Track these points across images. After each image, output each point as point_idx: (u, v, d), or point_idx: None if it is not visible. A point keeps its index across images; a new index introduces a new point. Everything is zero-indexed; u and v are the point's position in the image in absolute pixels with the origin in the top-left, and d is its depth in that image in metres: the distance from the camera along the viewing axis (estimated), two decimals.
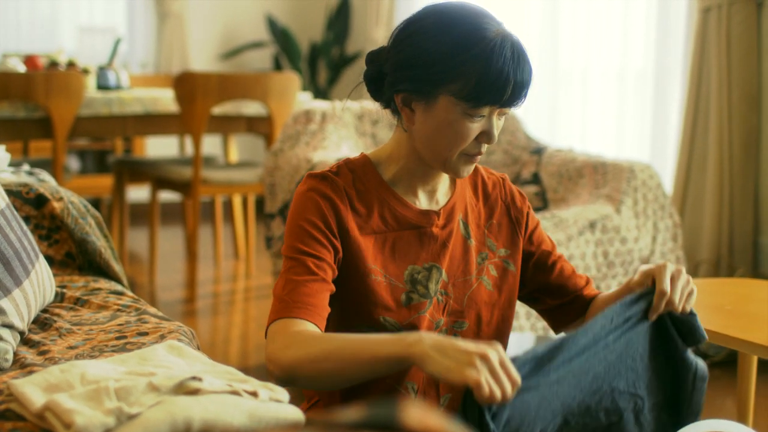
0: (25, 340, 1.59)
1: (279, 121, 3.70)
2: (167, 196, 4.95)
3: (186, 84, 3.53)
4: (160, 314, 1.72)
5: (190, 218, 4.09)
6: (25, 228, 1.77)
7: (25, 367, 1.43)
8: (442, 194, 1.47)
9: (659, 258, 2.81)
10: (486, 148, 1.38)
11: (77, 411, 1.09)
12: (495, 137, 1.35)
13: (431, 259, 1.42)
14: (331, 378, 1.24)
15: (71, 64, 3.77)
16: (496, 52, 1.28)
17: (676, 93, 3.67)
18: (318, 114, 3.09)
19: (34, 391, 1.19)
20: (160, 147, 5.31)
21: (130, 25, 5.61)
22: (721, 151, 3.32)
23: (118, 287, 1.95)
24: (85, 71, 3.70)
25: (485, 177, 1.52)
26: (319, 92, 5.68)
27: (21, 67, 3.55)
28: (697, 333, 1.38)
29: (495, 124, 1.35)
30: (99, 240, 2.05)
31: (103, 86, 3.74)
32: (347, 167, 1.42)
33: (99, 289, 1.90)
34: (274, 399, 1.19)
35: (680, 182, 3.47)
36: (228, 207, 4.75)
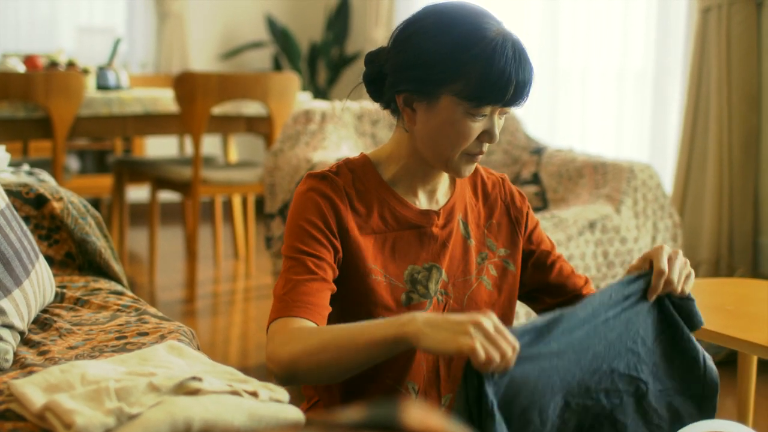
0: (25, 341, 1.59)
1: (279, 121, 3.70)
2: (167, 196, 4.95)
3: (186, 84, 3.53)
4: (160, 314, 1.72)
5: (189, 218, 4.09)
6: (25, 228, 1.77)
7: (25, 367, 1.43)
8: (442, 194, 1.47)
9: None
10: (487, 148, 1.39)
11: (77, 411, 1.09)
12: (497, 136, 1.35)
13: (431, 259, 1.42)
14: (330, 369, 1.23)
15: (71, 64, 3.77)
16: (498, 51, 1.29)
17: (675, 93, 3.66)
18: (318, 114, 3.09)
19: (34, 391, 1.19)
20: (159, 147, 5.31)
21: (129, 25, 5.61)
22: (720, 151, 3.32)
23: (118, 287, 1.95)
24: (85, 71, 3.70)
25: (485, 177, 1.53)
26: (319, 92, 5.68)
27: (21, 67, 3.55)
28: (695, 318, 1.38)
29: (496, 124, 1.35)
30: (99, 240, 2.05)
31: (102, 86, 3.74)
32: (347, 167, 1.42)
33: (99, 289, 1.90)
34: (275, 399, 1.19)
35: (680, 182, 3.47)
36: (228, 207, 4.75)
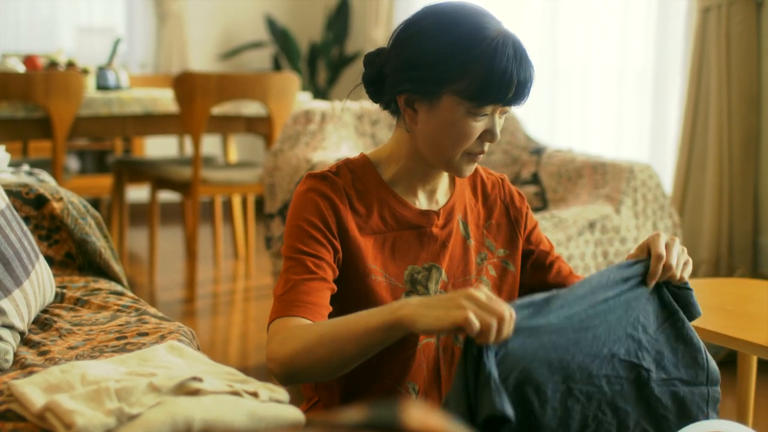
0: (25, 341, 1.59)
1: (278, 121, 3.70)
2: (167, 196, 4.95)
3: (185, 84, 3.53)
4: (160, 314, 1.72)
5: (189, 218, 4.09)
6: (25, 228, 1.77)
7: (25, 367, 1.43)
8: (442, 194, 1.47)
9: None
10: (488, 147, 1.39)
11: (78, 411, 1.09)
12: (498, 136, 1.36)
13: (431, 259, 1.42)
14: (329, 363, 1.22)
15: (71, 65, 3.77)
16: (499, 51, 1.29)
17: (675, 93, 3.66)
18: (317, 114, 3.09)
19: (34, 391, 1.19)
20: (159, 147, 5.31)
21: (129, 25, 5.61)
22: (720, 151, 3.32)
23: (118, 287, 1.95)
24: (85, 71, 3.70)
25: (484, 177, 1.53)
26: (319, 92, 5.68)
27: (20, 67, 3.54)
28: (693, 308, 1.38)
29: (497, 123, 1.35)
30: (99, 240, 2.05)
31: (102, 86, 3.74)
32: (347, 167, 1.42)
33: (99, 289, 1.90)
34: (275, 399, 1.19)
35: (680, 182, 3.47)
36: (227, 207, 4.75)
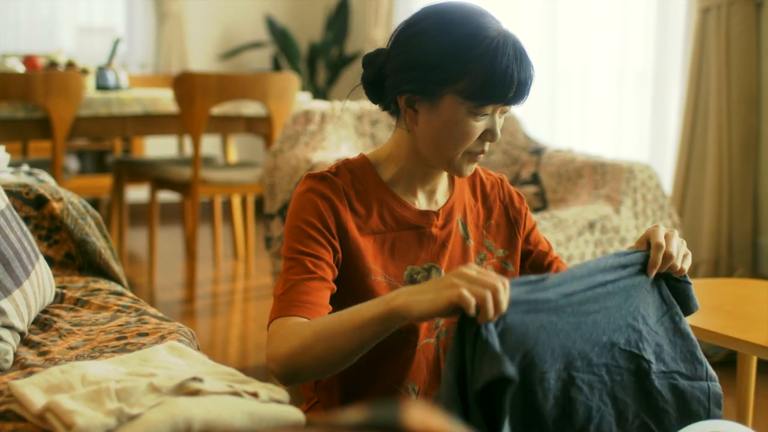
0: (25, 341, 1.59)
1: (278, 121, 3.70)
2: (166, 196, 4.95)
3: (185, 84, 3.53)
4: (160, 315, 1.72)
5: (189, 218, 4.09)
6: (25, 229, 1.77)
7: (25, 367, 1.43)
8: (441, 195, 1.47)
9: None
10: (488, 147, 1.39)
11: (78, 412, 1.09)
12: (498, 135, 1.36)
13: (430, 260, 1.42)
14: (327, 359, 1.22)
15: (70, 65, 3.77)
16: (500, 51, 1.29)
17: (675, 93, 3.67)
18: (317, 114, 3.09)
19: (34, 392, 1.19)
20: (159, 147, 5.31)
21: (129, 25, 5.61)
22: (720, 152, 3.33)
23: (118, 288, 1.95)
24: (84, 71, 3.70)
25: (483, 178, 1.53)
26: (318, 92, 5.68)
27: (20, 68, 3.55)
28: (690, 301, 1.38)
29: (497, 122, 1.36)
30: (99, 240, 2.05)
31: (102, 86, 3.74)
32: (346, 168, 1.42)
33: (99, 289, 1.90)
34: (275, 400, 1.19)
35: (679, 182, 3.47)
36: (227, 207, 4.75)
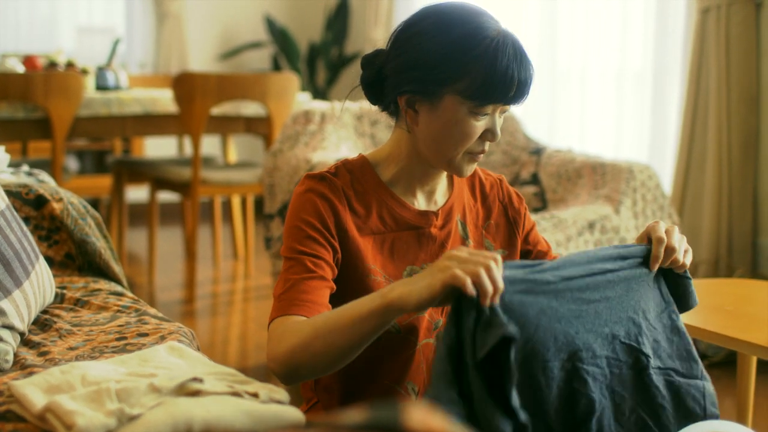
0: (25, 341, 1.59)
1: (278, 121, 3.70)
2: (166, 196, 4.95)
3: (185, 84, 3.53)
4: (160, 315, 1.72)
5: (189, 219, 4.09)
6: (25, 229, 1.77)
7: (25, 368, 1.43)
8: (441, 195, 1.47)
9: None
10: (488, 146, 1.39)
11: (78, 412, 1.09)
12: (498, 135, 1.36)
13: (430, 260, 1.42)
14: (326, 355, 1.22)
15: (70, 65, 3.77)
16: (500, 50, 1.29)
17: (675, 93, 3.67)
18: (317, 114, 3.09)
19: (34, 392, 1.19)
20: (158, 147, 5.31)
21: (128, 25, 5.61)
22: (720, 152, 3.33)
23: (118, 288, 1.95)
24: (84, 72, 3.70)
25: (483, 178, 1.53)
26: (318, 92, 5.68)
27: (20, 68, 3.54)
28: (690, 297, 1.39)
29: (497, 122, 1.36)
30: (99, 241, 2.05)
31: (101, 86, 3.74)
32: (345, 168, 1.42)
33: (99, 290, 1.90)
34: (275, 400, 1.19)
35: (679, 183, 3.47)
36: (227, 207, 4.74)
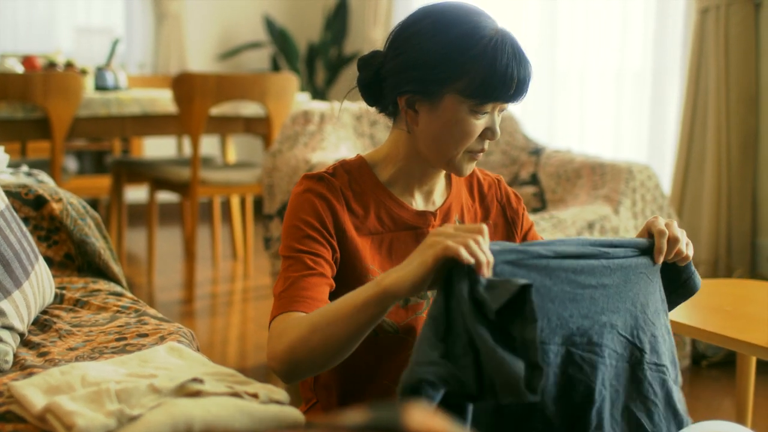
0: (24, 342, 1.59)
1: (277, 121, 3.70)
2: (165, 196, 4.95)
3: (184, 85, 3.53)
4: (160, 315, 1.72)
5: (188, 219, 4.09)
6: (24, 229, 1.77)
7: (25, 368, 1.43)
8: (439, 195, 1.47)
9: None
10: (488, 145, 1.39)
11: (78, 413, 1.09)
12: (498, 133, 1.37)
13: None
14: (325, 349, 1.22)
15: (69, 65, 3.77)
16: (499, 49, 1.30)
17: (674, 93, 3.67)
18: (316, 115, 3.09)
19: (34, 393, 1.19)
20: (158, 147, 5.31)
21: (127, 25, 5.60)
22: (719, 152, 3.33)
23: (118, 288, 1.95)
24: (83, 72, 3.70)
25: (481, 178, 1.53)
26: (317, 93, 5.68)
27: (19, 68, 3.54)
28: (692, 282, 1.39)
29: (497, 120, 1.36)
30: (98, 241, 2.05)
31: (101, 87, 3.73)
32: (343, 168, 1.42)
33: (98, 290, 1.90)
34: (275, 400, 1.19)
35: (678, 183, 3.48)
36: (226, 208, 4.74)
